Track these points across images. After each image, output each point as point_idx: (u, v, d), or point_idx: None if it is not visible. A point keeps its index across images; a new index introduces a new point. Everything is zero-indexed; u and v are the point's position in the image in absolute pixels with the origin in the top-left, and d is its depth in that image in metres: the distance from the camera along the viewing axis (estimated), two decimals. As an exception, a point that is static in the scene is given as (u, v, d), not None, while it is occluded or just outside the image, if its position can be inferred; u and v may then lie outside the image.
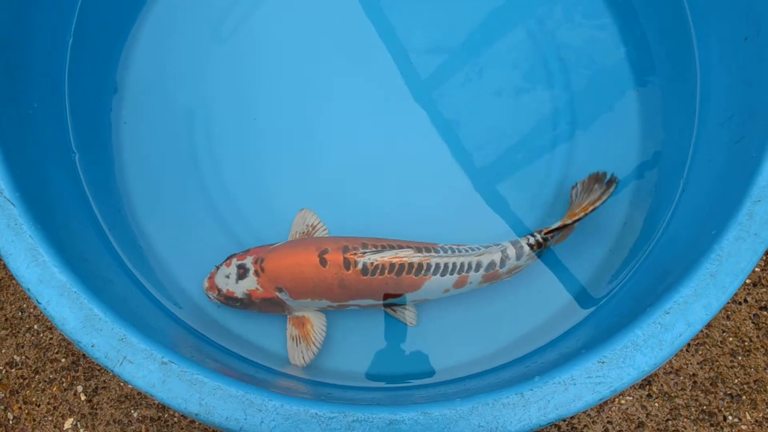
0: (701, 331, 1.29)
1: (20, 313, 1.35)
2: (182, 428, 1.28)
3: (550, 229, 1.09)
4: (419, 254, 1.04)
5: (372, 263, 1.03)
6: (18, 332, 1.34)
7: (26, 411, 1.30)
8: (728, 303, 1.31)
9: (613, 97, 1.23)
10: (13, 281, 1.36)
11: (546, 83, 1.25)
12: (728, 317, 1.31)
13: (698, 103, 1.14)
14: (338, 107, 1.25)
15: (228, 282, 1.07)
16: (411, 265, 1.03)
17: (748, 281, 1.32)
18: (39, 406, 1.30)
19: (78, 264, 0.87)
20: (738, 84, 1.03)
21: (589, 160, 1.20)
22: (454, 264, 1.05)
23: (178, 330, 1.06)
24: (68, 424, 1.29)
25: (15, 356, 1.33)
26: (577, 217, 1.09)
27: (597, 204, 1.09)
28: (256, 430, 0.78)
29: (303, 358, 1.08)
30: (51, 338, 1.33)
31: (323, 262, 1.03)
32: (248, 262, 1.07)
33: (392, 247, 1.04)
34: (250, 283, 1.06)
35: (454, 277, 1.06)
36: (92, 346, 0.80)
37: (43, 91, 1.09)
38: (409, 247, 1.05)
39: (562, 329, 1.09)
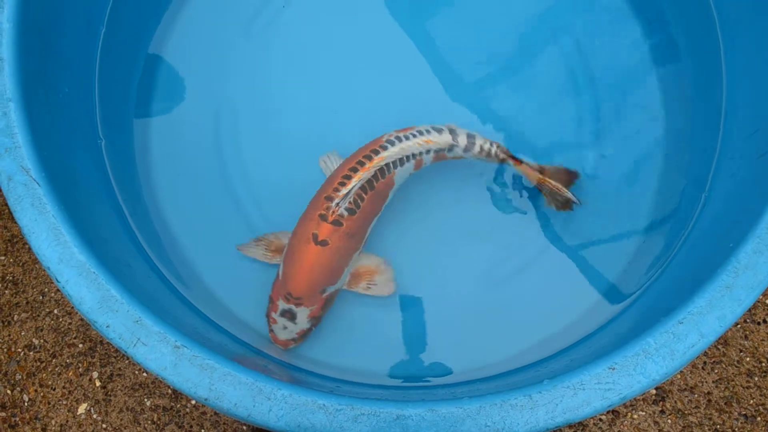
0: (718, 349, 1.28)
1: (41, 297, 1.37)
2: (194, 419, 1.29)
3: (507, 151, 1.14)
4: (374, 161, 1.06)
5: (351, 202, 1.05)
6: (38, 316, 1.36)
7: (42, 394, 1.32)
8: (747, 323, 1.30)
9: (639, 110, 1.23)
10: (37, 265, 1.39)
11: (572, 95, 1.24)
12: (746, 337, 1.29)
13: (723, 116, 1.13)
14: (365, 107, 1.26)
15: (290, 329, 1.07)
16: (375, 174, 1.06)
17: (768, 301, 1.31)
18: (54, 389, 1.32)
19: (98, 246, 0.88)
20: (764, 97, 1.02)
21: (611, 171, 1.20)
22: (407, 156, 1.09)
23: (193, 318, 1.07)
24: (82, 409, 1.31)
25: (34, 339, 1.35)
26: (537, 174, 1.14)
27: (557, 187, 1.14)
28: (263, 418, 0.78)
29: (389, 283, 1.12)
30: (70, 323, 1.35)
31: (323, 243, 1.04)
32: (282, 305, 1.07)
33: (349, 177, 1.06)
34: (303, 313, 1.07)
35: (411, 163, 1.10)
36: (107, 327, 0.82)
37: (74, 77, 1.11)
38: (361, 163, 1.07)
39: (577, 337, 1.08)
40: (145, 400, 1.31)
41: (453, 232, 1.19)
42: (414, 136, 1.10)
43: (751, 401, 1.26)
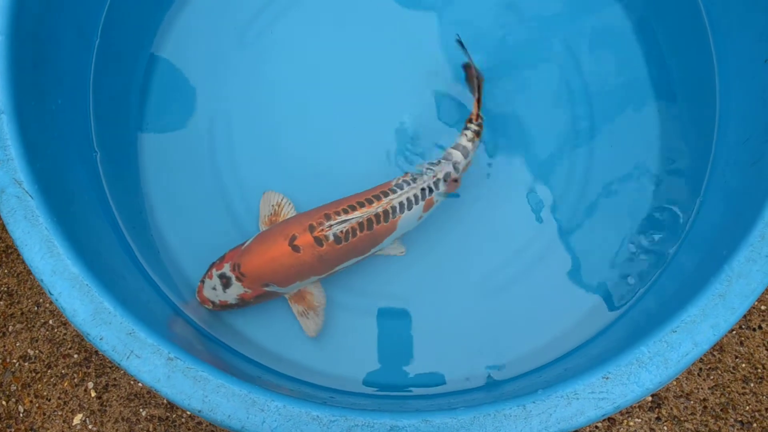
0: (714, 355, 1.28)
1: (36, 308, 1.37)
2: (189, 429, 1.28)
3: (475, 113, 1.15)
4: (381, 203, 1.05)
5: (342, 231, 1.04)
6: (33, 326, 1.36)
7: (37, 405, 1.32)
8: (743, 329, 1.30)
9: (633, 118, 1.23)
10: (31, 276, 1.39)
11: (567, 102, 1.25)
12: (742, 343, 1.29)
13: (717, 124, 1.14)
14: (362, 117, 1.25)
15: (217, 293, 1.08)
16: (377, 215, 1.05)
17: (763, 308, 1.31)
18: (50, 400, 1.32)
19: (92, 258, 0.88)
20: (757, 105, 1.02)
21: (605, 178, 1.20)
22: (415, 195, 1.08)
23: (187, 328, 1.07)
24: (77, 419, 1.31)
25: (29, 350, 1.35)
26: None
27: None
28: (257, 430, 0.78)
29: (315, 326, 1.11)
30: (65, 334, 1.35)
31: (296, 248, 1.04)
32: (226, 270, 1.07)
33: (353, 208, 1.05)
34: (236, 289, 1.07)
35: (420, 205, 1.08)
36: (101, 339, 0.82)
37: (68, 88, 1.11)
38: (369, 200, 1.06)
39: (571, 346, 1.08)
40: (141, 410, 1.30)
41: (448, 241, 1.19)
42: (419, 174, 1.09)
43: (747, 407, 1.26)
